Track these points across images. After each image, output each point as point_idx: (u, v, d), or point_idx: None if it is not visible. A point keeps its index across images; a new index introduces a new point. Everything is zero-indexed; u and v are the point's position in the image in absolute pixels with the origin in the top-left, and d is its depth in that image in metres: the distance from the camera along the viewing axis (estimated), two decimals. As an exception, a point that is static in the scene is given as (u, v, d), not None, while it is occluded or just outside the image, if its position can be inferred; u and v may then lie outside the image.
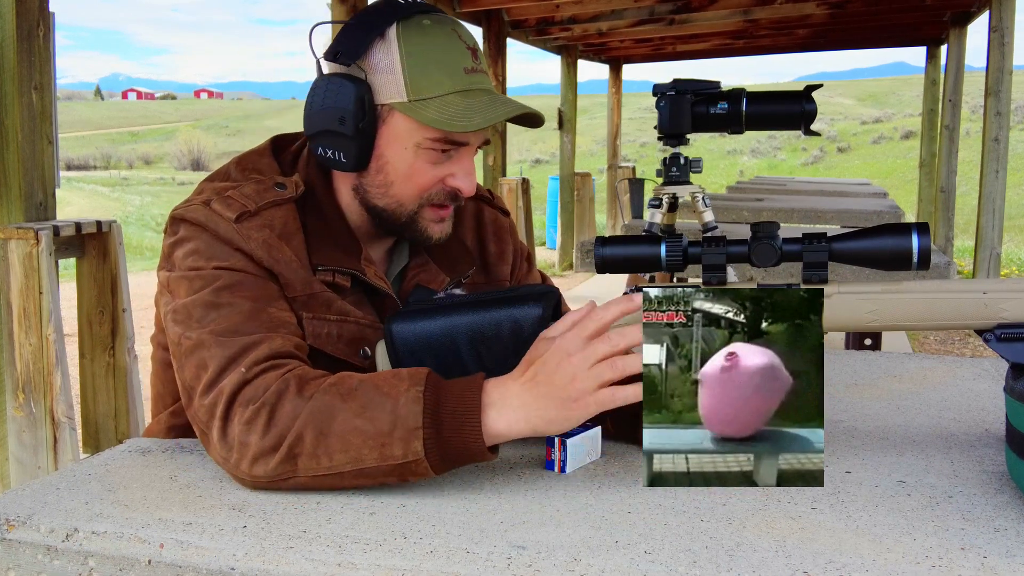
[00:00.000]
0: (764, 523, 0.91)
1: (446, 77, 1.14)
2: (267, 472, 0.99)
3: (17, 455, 2.94)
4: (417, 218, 1.20)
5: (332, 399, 1.00)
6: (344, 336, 1.17)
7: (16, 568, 0.92)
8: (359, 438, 0.97)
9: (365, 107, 1.14)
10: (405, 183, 1.18)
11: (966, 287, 1.04)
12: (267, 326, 1.08)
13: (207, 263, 1.11)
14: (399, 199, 1.19)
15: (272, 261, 1.13)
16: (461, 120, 1.12)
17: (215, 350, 1.05)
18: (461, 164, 1.18)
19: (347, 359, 1.17)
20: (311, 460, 0.98)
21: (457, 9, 6.64)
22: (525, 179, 8.01)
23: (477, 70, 1.17)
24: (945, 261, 3.30)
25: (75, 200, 23.55)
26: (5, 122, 2.87)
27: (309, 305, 1.15)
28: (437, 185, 1.18)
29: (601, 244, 1.12)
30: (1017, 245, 12.64)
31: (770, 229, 1.07)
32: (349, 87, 1.14)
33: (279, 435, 0.98)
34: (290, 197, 1.18)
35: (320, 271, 1.16)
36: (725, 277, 1.08)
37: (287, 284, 1.14)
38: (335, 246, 1.19)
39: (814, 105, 2.15)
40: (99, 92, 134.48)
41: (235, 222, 1.12)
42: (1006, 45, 6.11)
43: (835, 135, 37.10)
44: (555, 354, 0.98)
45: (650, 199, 2.64)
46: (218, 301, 1.09)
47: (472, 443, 0.98)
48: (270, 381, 1.02)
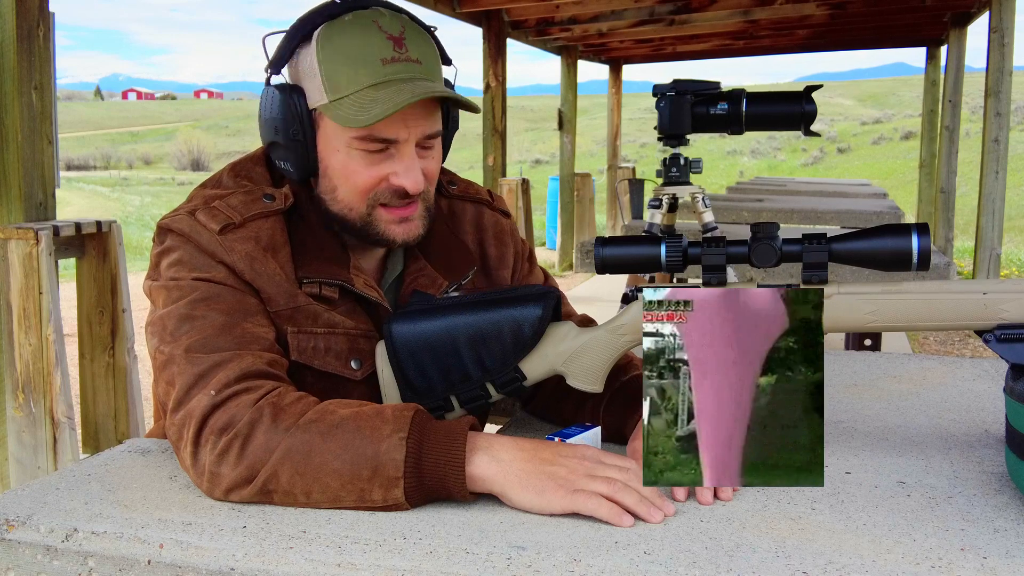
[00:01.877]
0: (764, 524, 0.91)
1: (361, 72, 1.10)
2: (242, 500, 0.98)
3: (17, 455, 2.94)
4: (372, 221, 1.17)
5: (311, 437, 0.97)
6: (332, 348, 1.15)
7: (16, 568, 0.92)
8: (337, 481, 0.96)
9: (298, 115, 1.13)
10: (346, 186, 1.15)
11: (966, 288, 1.04)
12: (239, 342, 1.06)
13: (188, 274, 1.10)
14: (347, 203, 1.16)
15: (254, 275, 1.12)
16: (367, 114, 1.08)
17: (184, 366, 1.04)
18: (402, 161, 1.14)
19: (337, 372, 1.15)
20: (286, 496, 0.97)
21: (457, 9, 6.63)
22: (525, 179, 8.01)
23: (399, 59, 1.11)
24: (945, 262, 3.30)
25: (75, 200, 23.56)
26: (5, 122, 2.87)
27: (294, 319, 1.13)
28: (381, 184, 1.15)
29: (601, 244, 1.12)
30: (1017, 246, 12.64)
31: (770, 230, 1.07)
32: (278, 96, 1.13)
33: (251, 468, 0.97)
34: (278, 209, 1.16)
35: (306, 283, 1.15)
36: (725, 278, 1.08)
37: (269, 299, 1.12)
38: (322, 258, 1.17)
39: (814, 106, 2.15)
40: (99, 92, 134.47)
41: (219, 234, 1.11)
42: (1006, 46, 6.11)
43: (835, 136, 37.10)
44: (569, 449, 0.99)
45: (650, 200, 2.64)
46: (193, 314, 1.07)
47: (455, 491, 0.96)
48: (243, 407, 1.00)
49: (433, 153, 1.19)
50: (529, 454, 0.97)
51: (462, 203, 1.35)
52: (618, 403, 1.20)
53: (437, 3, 6.35)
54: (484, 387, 1.11)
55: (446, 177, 1.36)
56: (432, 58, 1.16)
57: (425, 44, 1.16)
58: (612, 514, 0.91)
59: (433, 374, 1.11)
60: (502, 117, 7.32)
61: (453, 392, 1.12)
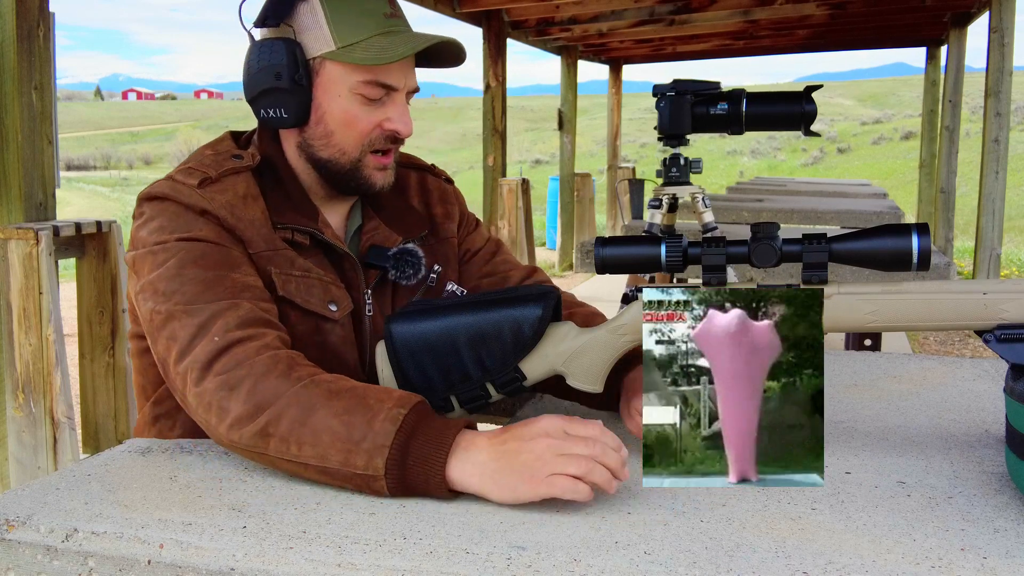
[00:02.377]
0: (764, 524, 0.91)
1: (369, 22, 1.20)
2: (241, 439, 1.01)
3: (17, 455, 2.94)
4: (360, 166, 1.25)
5: (319, 393, 1.01)
6: (312, 290, 1.21)
7: (16, 568, 0.92)
8: (330, 437, 0.98)
9: (298, 62, 1.21)
10: (344, 131, 1.23)
11: (966, 288, 1.04)
12: (232, 291, 1.11)
13: (171, 236, 1.15)
14: (341, 147, 1.24)
15: (235, 220, 1.18)
16: (387, 54, 1.18)
17: (184, 319, 1.09)
18: (395, 107, 1.24)
19: (318, 311, 1.21)
20: (282, 443, 1.00)
21: (457, 9, 6.63)
22: (525, 179, 8.00)
23: (396, 15, 1.23)
24: (945, 262, 3.29)
25: (75, 200, 23.55)
26: (5, 122, 2.87)
27: (274, 260, 1.19)
28: (376, 130, 1.23)
29: (601, 245, 1.12)
30: (1017, 246, 12.64)
31: (770, 230, 1.07)
32: (280, 45, 1.21)
33: (257, 406, 1.01)
34: (247, 166, 1.23)
35: (279, 228, 1.21)
36: (725, 278, 1.08)
37: (251, 241, 1.18)
38: (293, 209, 1.24)
39: (814, 106, 2.15)
40: (99, 92, 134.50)
41: (198, 187, 1.18)
42: (1006, 46, 6.11)
43: (835, 136, 37.10)
44: (533, 430, 0.97)
45: (650, 200, 2.64)
46: (182, 272, 1.12)
47: (433, 482, 0.97)
48: (251, 352, 1.05)
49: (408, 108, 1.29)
50: (498, 451, 0.97)
51: (405, 170, 1.42)
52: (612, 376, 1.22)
53: (437, 3, 6.35)
54: (484, 387, 1.12)
55: None
56: None
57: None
58: (582, 494, 0.93)
59: (433, 374, 1.11)
60: (502, 117, 7.32)
61: (453, 392, 1.12)
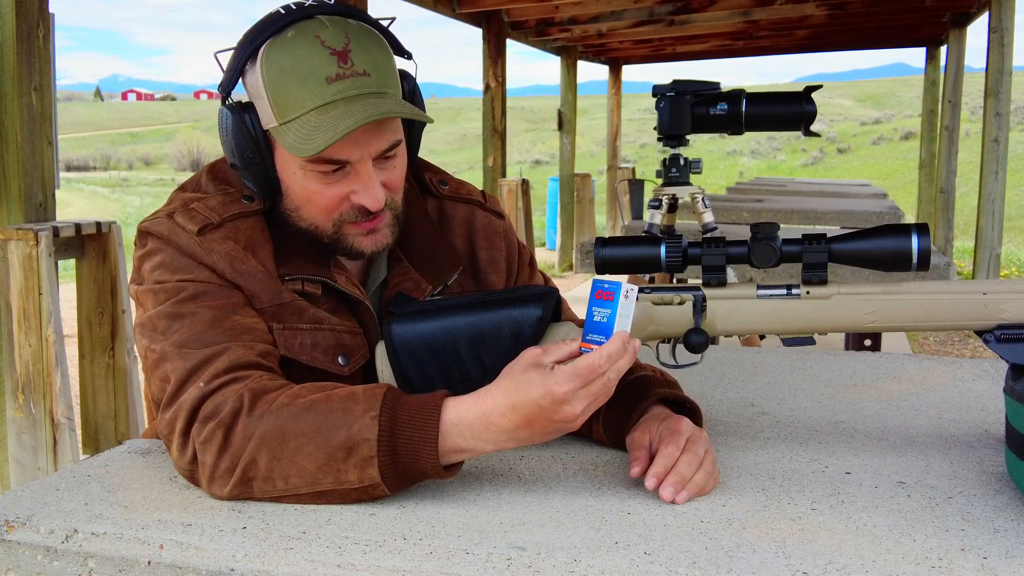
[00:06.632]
0: (764, 524, 0.91)
1: (306, 93, 1.06)
2: (226, 492, 0.99)
3: (17, 456, 2.94)
4: (341, 237, 1.15)
5: (284, 421, 0.98)
6: (319, 344, 1.14)
7: (16, 569, 0.92)
8: (313, 464, 0.96)
9: (253, 136, 1.11)
10: (308, 207, 1.14)
11: (966, 288, 1.04)
12: (229, 334, 1.07)
13: (171, 276, 1.11)
14: (312, 222, 1.15)
15: (235, 274, 1.12)
16: (314, 140, 1.05)
17: (177, 362, 1.05)
18: (359, 180, 1.11)
19: (324, 368, 1.14)
20: (266, 483, 0.97)
21: (457, 10, 6.63)
22: (525, 180, 8.01)
23: (344, 75, 1.06)
24: (945, 262, 3.29)
25: (75, 201, 23.55)
26: (5, 123, 2.87)
27: (279, 316, 1.13)
28: (344, 203, 1.13)
29: (601, 245, 1.12)
30: (1017, 246, 12.64)
31: (770, 230, 1.07)
32: (230, 117, 1.11)
33: (233, 457, 0.98)
34: (257, 209, 1.16)
35: (288, 280, 1.14)
36: (725, 278, 1.08)
37: (253, 296, 1.12)
38: (303, 256, 1.16)
39: (813, 106, 2.15)
40: (99, 93, 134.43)
41: (197, 235, 1.11)
42: (1006, 46, 6.11)
43: (835, 136, 37.10)
44: (550, 398, 0.96)
45: (650, 200, 2.64)
46: (181, 312, 1.08)
47: (429, 467, 0.97)
48: (228, 396, 1.01)
49: (395, 163, 1.16)
50: (520, 422, 0.97)
51: (453, 203, 1.32)
52: (619, 402, 1.18)
53: (437, 3, 6.35)
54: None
55: (437, 176, 1.33)
56: (383, 64, 1.11)
57: (375, 49, 1.10)
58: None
59: (433, 374, 1.11)
60: (502, 118, 7.33)
61: (453, 392, 1.11)
